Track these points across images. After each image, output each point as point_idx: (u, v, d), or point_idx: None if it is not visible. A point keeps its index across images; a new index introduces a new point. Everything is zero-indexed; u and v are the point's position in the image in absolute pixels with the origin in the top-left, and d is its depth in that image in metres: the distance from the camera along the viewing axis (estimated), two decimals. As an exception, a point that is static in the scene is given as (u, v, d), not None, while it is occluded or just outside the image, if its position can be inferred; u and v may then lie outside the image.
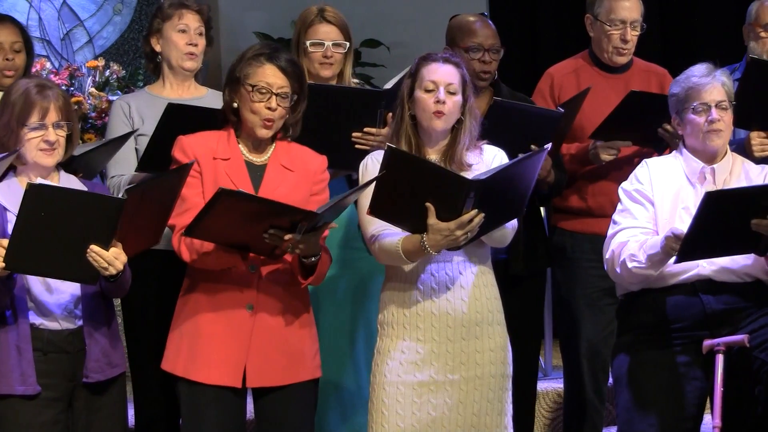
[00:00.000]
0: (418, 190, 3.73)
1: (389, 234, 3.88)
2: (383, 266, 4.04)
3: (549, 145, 3.90)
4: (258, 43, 4.05)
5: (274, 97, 3.85)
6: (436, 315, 3.93)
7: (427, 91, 3.93)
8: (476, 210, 3.72)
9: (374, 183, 3.73)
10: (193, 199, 3.81)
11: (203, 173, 3.86)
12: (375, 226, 3.90)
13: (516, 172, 3.79)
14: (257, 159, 3.94)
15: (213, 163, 3.88)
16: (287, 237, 3.68)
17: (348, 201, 3.78)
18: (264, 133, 3.89)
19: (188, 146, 3.88)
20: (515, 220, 3.97)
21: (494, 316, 4.01)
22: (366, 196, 3.86)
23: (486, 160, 3.99)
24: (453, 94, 3.93)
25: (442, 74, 3.93)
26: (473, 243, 3.90)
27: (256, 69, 3.87)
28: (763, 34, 4.94)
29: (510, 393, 4.04)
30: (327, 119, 4.22)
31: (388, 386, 3.92)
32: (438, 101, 3.91)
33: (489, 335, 3.99)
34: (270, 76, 3.86)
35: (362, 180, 3.95)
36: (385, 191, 3.72)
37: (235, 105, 3.90)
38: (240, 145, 3.94)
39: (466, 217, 3.72)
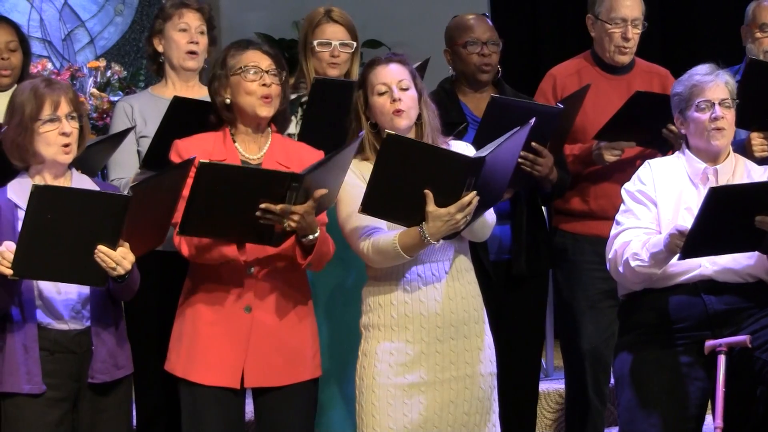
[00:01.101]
0: (416, 177, 3.71)
1: (379, 233, 3.86)
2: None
3: (533, 120, 3.89)
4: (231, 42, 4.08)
5: (265, 74, 3.88)
6: (425, 316, 3.92)
7: (381, 94, 3.92)
8: (474, 191, 3.72)
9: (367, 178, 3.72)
10: None
11: None
12: (363, 229, 3.87)
13: (507, 149, 3.78)
14: (253, 157, 3.94)
15: None
16: (280, 207, 3.66)
17: (335, 163, 3.73)
18: (265, 111, 3.90)
19: (184, 149, 3.87)
20: (494, 213, 3.97)
21: (479, 314, 4.00)
22: (344, 201, 3.86)
23: None
24: (406, 89, 3.92)
25: (391, 73, 3.93)
26: (455, 240, 3.89)
27: (239, 56, 3.91)
28: (759, 35, 4.94)
29: (496, 391, 4.03)
30: (335, 114, 4.22)
31: (378, 389, 3.90)
32: (394, 100, 3.90)
33: (476, 334, 3.98)
34: (256, 57, 3.91)
35: (342, 189, 3.92)
36: (381, 184, 3.69)
37: (228, 100, 3.91)
38: (236, 144, 3.94)
39: (466, 199, 3.71)
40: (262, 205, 3.66)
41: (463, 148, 4.01)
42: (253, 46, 3.94)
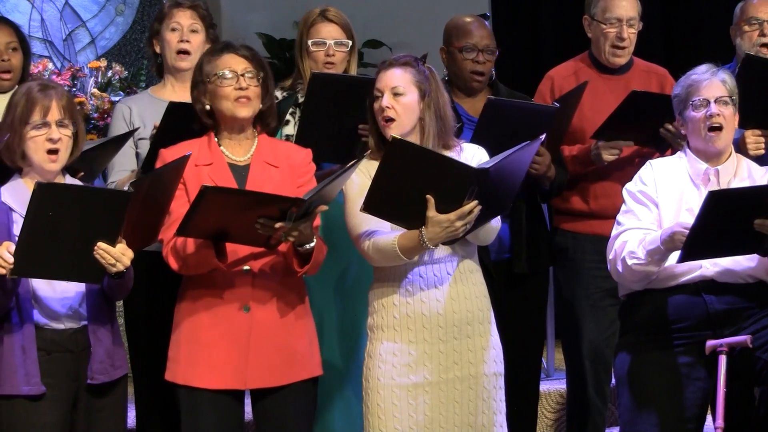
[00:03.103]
0: (419, 182, 3.72)
1: (381, 233, 3.87)
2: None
3: (543, 136, 3.89)
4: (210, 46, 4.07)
5: (241, 78, 3.87)
6: (427, 316, 3.92)
7: (376, 98, 3.93)
8: (476, 201, 3.72)
9: (368, 180, 3.73)
10: (179, 210, 3.80)
11: (187, 183, 3.86)
12: (366, 228, 3.88)
13: (514, 162, 3.79)
14: (240, 159, 3.94)
15: (196, 170, 3.87)
16: (278, 225, 3.67)
17: (335, 185, 3.75)
18: (244, 111, 3.88)
19: (170, 158, 3.85)
20: (498, 218, 3.97)
21: (484, 315, 4.00)
22: (351, 199, 3.87)
23: (465, 158, 3.96)
24: (401, 95, 3.91)
25: (386, 79, 3.93)
26: (460, 241, 3.90)
27: (215, 62, 3.90)
28: (746, 28, 4.93)
29: (503, 391, 4.03)
30: (333, 109, 4.21)
31: (383, 390, 3.90)
32: (381, 108, 3.91)
33: (480, 334, 3.98)
34: (231, 61, 3.89)
35: (345, 189, 3.94)
36: (384, 186, 3.70)
37: (208, 107, 3.91)
38: (221, 148, 3.94)
39: (467, 207, 3.72)
40: (261, 220, 3.66)
41: (474, 150, 4.02)
42: (228, 50, 3.92)
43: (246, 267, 3.85)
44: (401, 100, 3.91)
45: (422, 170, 3.70)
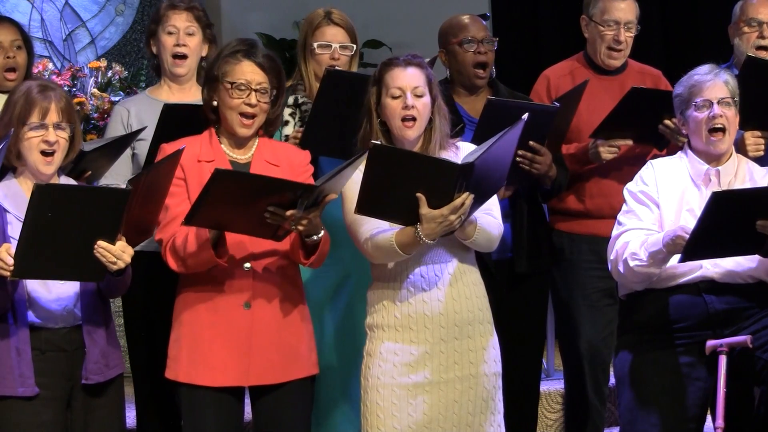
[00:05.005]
0: (407, 182, 3.72)
1: (381, 231, 3.87)
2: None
3: (526, 115, 3.88)
4: (235, 40, 4.03)
5: (253, 93, 3.86)
6: (429, 316, 3.93)
7: (394, 97, 3.92)
8: (467, 192, 3.72)
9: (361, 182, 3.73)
10: (176, 208, 3.81)
11: (188, 178, 3.86)
12: (365, 226, 3.89)
13: (500, 148, 3.78)
14: (241, 157, 3.95)
15: (198, 166, 3.88)
16: (289, 213, 3.67)
17: (345, 174, 3.76)
18: (244, 131, 3.90)
19: (171, 152, 3.85)
20: (502, 225, 3.98)
21: (484, 315, 4.01)
22: (349, 198, 3.88)
23: (462, 157, 3.97)
24: (420, 96, 3.92)
25: (407, 78, 3.92)
26: (459, 243, 3.90)
27: (233, 66, 3.88)
28: (746, 29, 4.94)
29: (501, 391, 4.03)
30: (343, 107, 4.21)
31: (383, 389, 3.91)
32: (407, 107, 3.90)
33: (480, 333, 3.98)
34: (248, 72, 3.87)
35: (344, 187, 3.93)
36: (373, 188, 3.71)
37: (215, 103, 3.91)
38: (222, 145, 3.94)
39: (458, 201, 3.72)
40: (271, 209, 3.66)
41: (470, 149, 4.01)
42: (250, 57, 3.89)
43: (247, 265, 3.85)
44: (421, 101, 3.92)
45: (408, 171, 3.71)
